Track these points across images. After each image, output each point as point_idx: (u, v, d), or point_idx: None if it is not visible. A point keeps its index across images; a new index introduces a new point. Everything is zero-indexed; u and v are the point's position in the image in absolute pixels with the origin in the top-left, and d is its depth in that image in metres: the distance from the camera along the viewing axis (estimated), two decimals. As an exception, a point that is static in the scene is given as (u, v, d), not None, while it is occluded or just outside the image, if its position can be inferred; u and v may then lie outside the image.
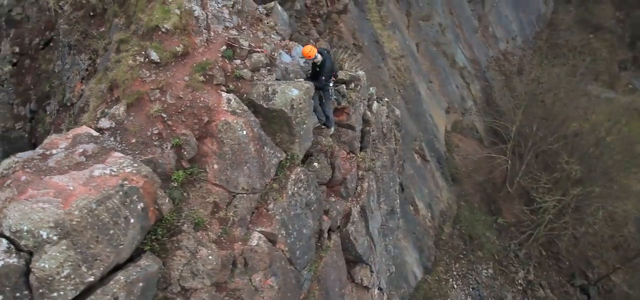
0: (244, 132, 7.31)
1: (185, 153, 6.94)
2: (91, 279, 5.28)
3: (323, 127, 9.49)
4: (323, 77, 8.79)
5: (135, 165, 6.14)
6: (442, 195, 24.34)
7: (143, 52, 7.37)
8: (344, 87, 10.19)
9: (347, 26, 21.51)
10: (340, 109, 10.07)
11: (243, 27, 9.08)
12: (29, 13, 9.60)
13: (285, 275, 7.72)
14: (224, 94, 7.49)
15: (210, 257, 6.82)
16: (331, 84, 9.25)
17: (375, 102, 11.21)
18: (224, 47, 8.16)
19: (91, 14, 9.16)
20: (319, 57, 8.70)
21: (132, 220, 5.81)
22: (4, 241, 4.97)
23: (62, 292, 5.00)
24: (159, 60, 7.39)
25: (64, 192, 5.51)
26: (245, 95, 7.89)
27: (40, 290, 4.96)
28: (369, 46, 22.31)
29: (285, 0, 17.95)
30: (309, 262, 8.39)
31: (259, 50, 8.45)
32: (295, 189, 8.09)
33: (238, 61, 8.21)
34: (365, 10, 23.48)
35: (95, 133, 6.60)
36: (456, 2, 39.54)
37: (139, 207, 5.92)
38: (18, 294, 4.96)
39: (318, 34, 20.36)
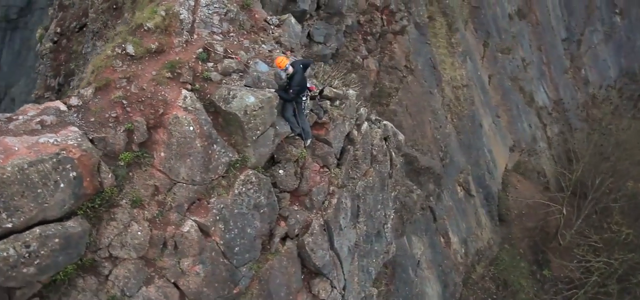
0: (191, 128, 7.87)
1: (135, 138, 7.68)
2: (9, 225, 6.16)
3: (297, 137, 9.76)
4: (291, 90, 9.06)
5: (79, 139, 6.99)
6: (483, 233, 22.90)
7: (122, 45, 8.29)
8: (328, 103, 10.34)
9: (401, 47, 21.27)
10: (321, 123, 10.24)
11: (231, 34, 9.67)
12: (75, 0, 11.24)
13: (215, 266, 8.12)
14: (184, 91, 8.12)
15: (139, 233, 7.47)
16: (304, 98, 9.48)
17: (366, 123, 11.15)
18: (200, 50, 8.82)
19: (114, 6, 10.43)
20: (290, 69, 8.97)
21: (62, 185, 6.64)
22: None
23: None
24: (133, 54, 8.25)
25: (8, 150, 6.48)
26: (208, 96, 8.48)
27: None
28: (422, 70, 21.81)
29: (333, 15, 18.29)
30: (250, 260, 8.69)
31: (233, 56, 8.99)
32: (243, 189, 8.46)
33: (211, 64, 8.82)
34: (426, 34, 22.97)
35: (63, 108, 7.60)
36: (548, 39, 36.87)
37: (71, 175, 6.74)
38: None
39: (367, 51, 20.45)
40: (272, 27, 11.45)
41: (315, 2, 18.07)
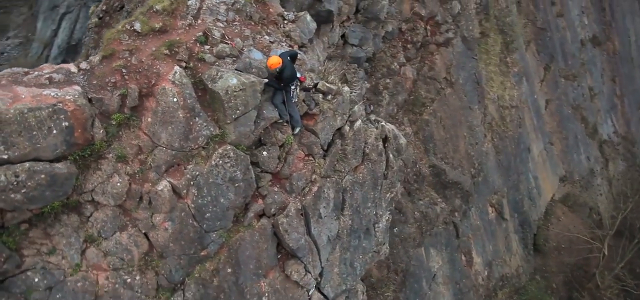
0: (175, 100, 8.73)
1: (128, 102, 8.67)
2: (5, 156, 7.34)
3: (286, 124, 10.31)
4: (281, 83, 9.64)
5: (77, 96, 8.09)
6: (511, 260, 21.80)
7: (132, 22, 9.39)
8: (321, 96, 10.77)
9: (443, 59, 20.99)
10: (311, 114, 10.70)
11: (235, 23, 10.46)
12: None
13: (183, 226, 8.90)
14: (176, 67, 9.02)
15: (119, 184, 8.45)
16: (293, 87, 10.01)
17: (359, 120, 11.40)
18: (200, 34, 9.70)
19: (145, -9, 11.67)
20: (281, 66, 9.51)
21: (54, 132, 7.76)
22: (-37, 113, 7.36)
23: (-21, 156, 7.19)
24: (139, 31, 9.31)
25: (16, 97, 7.74)
26: (199, 75, 9.32)
27: None
28: (463, 85, 21.31)
29: (370, 20, 18.53)
30: (220, 228, 9.37)
31: (228, 42, 9.76)
32: (220, 161, 9.18)
33: (207, 47, 9.65)
34: (474, 49, 22.37)
35: (73, 69, 8.81)
36: (624, 71, 33.99)
37: (63, 124, 7.83)
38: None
39: (405, 59, 20.43)
40: (285, 21, 12.13)
41: (354, 6, 18.51)
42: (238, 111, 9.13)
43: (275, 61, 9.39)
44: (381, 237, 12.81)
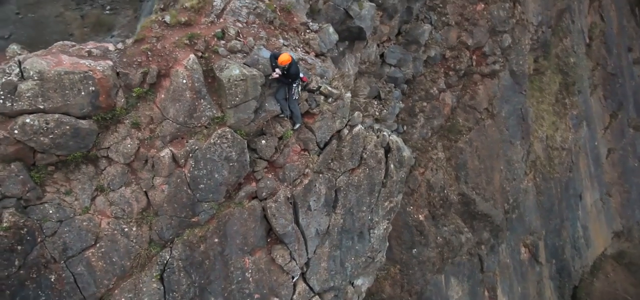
0: (184, 81, 10.05)
1: (147, 79, 10.15)
2: (41, 106, 9.06)
3: (286, 118, 11.25)
4: (290, 79, 10.64)
5: (105, 68, 9.69)
6: (542, 307, 20.51)
7: (163, 15, 10.97)
8: (322, 98, 11.58)
9: (486, 90, 20.73)
10: (311, 113, 11.54)
11: (254, 25, 11.67)
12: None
13: (178, 191, 10.10)
14: (191, 55, 10.37)
15: (129, 146, 9.89)
16: (295, 85, 10.94)
17: (359, 126, 11.97)
18: (219, 30, 11.02)
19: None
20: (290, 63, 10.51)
21: (82, 93, 9.37)
22: (17, 68, 9.18)
23: (22, 103, 8.93)
24: (168, 22, 10.85)
25: (59, 62, 9.49)
26: (211, 64, 10.60)
27: (9, 98, 8.90)
28: (506, 118, 20.79)
29: (411, 43, 18.95)
30: (212, 200, 10.46)
31: (241, 39, 10.97)
32: (218, 141, 10.31)
33: (223, 42, 10.93)
34: (524, 84, 21.74)
35: (111, 48, 10.50)
36: None
37: (90, 88, 9.43)
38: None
39: (446, 86, 20.48)
40: (308, 30, 13.18)
41: (396, 29, 19.08)
42: (237, 98, 10.25)
43: (286, 58, 10.41)
44: (376, 244, 13.15)
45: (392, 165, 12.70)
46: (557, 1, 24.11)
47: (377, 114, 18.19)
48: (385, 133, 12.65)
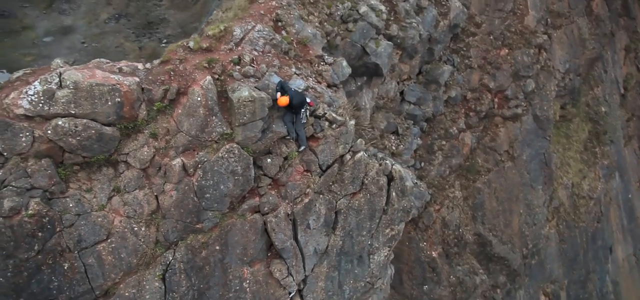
0: (199, 99, 10.96)
1: (168, 95, 11.16)
2: (73, 111, 10.20)
3: (292, 140, 11.90)
4: (293, 110, 11.38)
5: (132, 82, 10.78)
6: (560, 360, 19.37)
7: (188, 40, 12.09)
8: (327, 123, 12.15)
9: (508, 132, 20.64)
10: (316, 137, 12.12)
11: (269, 54, 12.56)
12: None
13: (185, 197, 10.85)
14: (208, 77, 11.33)
15: (146, 153, 10.82)
16: (302, 110, 11.63)
17: (362, 152, 12.37)
18: (236, 57, 11.97)
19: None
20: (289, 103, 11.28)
21: (109, 103, 10.46)
22: (57, 78, 10.43)
23: (57, 108, 10.09)
24: (191, 47, 11.94)
25: (93, 75, 10.68)
26: (225, 86, 11.50)
27: (47, 103, 10.10)
28: (527, 162, 20.50)
29: (431, 82, 19.32)
30: (217, 210, 11.13)
31: (254, 66, 11.85)
32: (226, 155, 11.06)
33: (238, 67, 11.85)
34: (548, 129, 21.40)
35: (140, 66, 11.65)
36: None
37: (116, 99, 10.51)
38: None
39: (466, 126, 20.56)
40: (322, 63, 13.95)
41: (417, 68, 19.54)
42: (245, 117, 11.02)
43: (284, 101, 11.20)
44: (376, 270, 13.27)
45: (394, 193, 12.95)
46: (587, 50, 23.83)
47: (393, 148, 18.54)
48: (387, 162, 12.98)
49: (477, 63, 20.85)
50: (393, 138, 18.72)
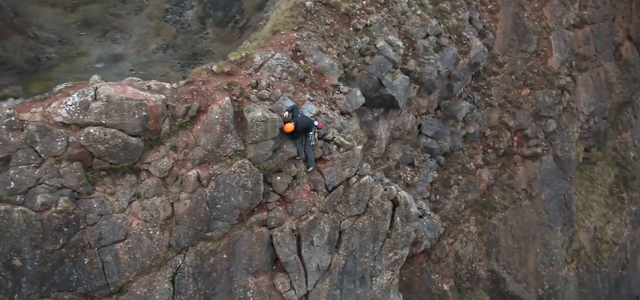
0: (216, 117, 11.73)
1: (189, 112, 12.01)
2: (103, 121, 11.17)
3: (301, 161, 12.41)
4: (296, 134, 11.95)
5: (158, 99, 11.71)
6: None
7: (212, 64, 13.02)
8: (335, 147, 12.59)
9: (526, 171, 20.34)
10: (324, 159, 12.57)
11: (285, 80, 13.27)
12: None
13: (198, 206, 11.49)
14: (227, 98, 12.11)
15: (165, 163, 11.62)
16: (311, 133, 12.17)
17: (367, 176, 12.67)
18: (254, 81, 12.75)
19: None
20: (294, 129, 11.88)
21: (136, 116, 11.40)
22: (93, 91, 11.50)
23: (90, 117, 11.11)
24: (214, 71, 12.84)
25: (125, 91, 11.71)
26: (242, 107, 12.24)
27: (82, 113, 11.16)
28: (546, 202, 20.03)
29: (448, 117, 19.42)
30: (226, 220, 11.70)
31: (269, 90, 12.56)
32: (237, 169, 11.69)
33: (255, 90, 12.60)
34: (569, 170, 20.88)
35: (168, 86, 12.63)
36: None
37: (142, 113, 11.44)
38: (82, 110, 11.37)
39: (484, 162, 20.40)
40: (337, 91, 14.54)
41: (435, 103, 19.74)
42: (257, 136, 11.67)
43: (289, 128, 11.81)
44: (378, 293, 13.31)
45: (398, 218, 13.10)
46: (614, 94, 23.29)
47: (408, 179, 18.68)
48: (393, 187, 13.20)
49: (497, 101, 20.84)
50: (408, 169, 18.87)
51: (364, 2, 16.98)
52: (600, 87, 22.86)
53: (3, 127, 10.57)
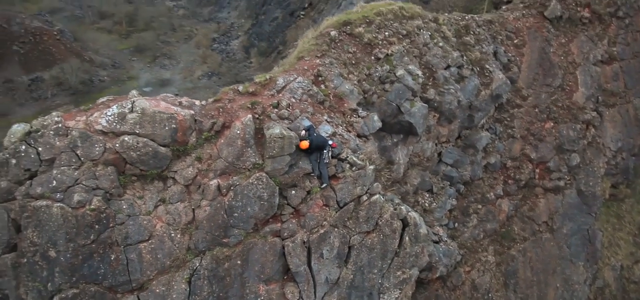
0: (238, 132, 12.41)
1: (214, 127, 12.77)
2: (137, 131, 12.09)
3: (316, 177, 12.82)
4: (309, 151, 12.43)
5: (187, 114, 12.56)
6: None
7: (239, 85, 13.81)
8: (348, 166, 12.93)
9: (548, 204, 19.80)
10: (337, 176, 12.92)
11: (305, 102, 13.85)
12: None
13: (216, 213, 12.07)
14: (248, 115, 12.80)
15: (190, 172, 12.35)
16: (325, 151, 12.60)
17: (378, 195, 12.87)
18: (275, 101, 13.40)
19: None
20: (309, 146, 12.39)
21: (166, 128, 12.26)
22: (130, 104, 12.49)
23: (126, 127, 12.05)
24: (240, 91, 13.61)
25: (158, 105, 12.66)
26: (263, 124, 12.87)
27: (119, 123, 12.13)
28: (568, 236, 19.34)
29: (469, 147, 19.32)
30: (242, 228, 12.20)
31: (289, 110, 13.15)
32: (255, 181, 12.25)
33: (276, 110, 13.23)
34: (593, 206, 20.11)
35: (197, 103, 13.51)
36: None
37: (172, 126, 12.30)
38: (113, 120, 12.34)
39: (504, 193, 20.08)
40: (355, 115, 14.98)
41: (456, 132, 19.73)
42: (275, 151, 12.23)
43: (305, 145, 12.33)
44: (386, 311, 13.26)
45: (407, 238, 13.16)
46: (643, 131, 22.40)
47: (426, 205, 18.62)
48: (403, 208, 13.32)
49: (520, 133, 20.59)
50: (427, 195, 18.83)
51: (387, 33, 17.52)
52: (629, 123, 22.10)
53: (51, 132, 11.67)
